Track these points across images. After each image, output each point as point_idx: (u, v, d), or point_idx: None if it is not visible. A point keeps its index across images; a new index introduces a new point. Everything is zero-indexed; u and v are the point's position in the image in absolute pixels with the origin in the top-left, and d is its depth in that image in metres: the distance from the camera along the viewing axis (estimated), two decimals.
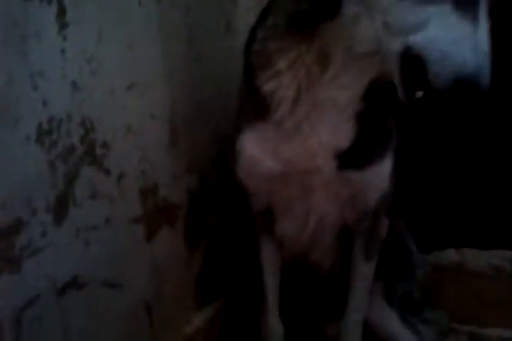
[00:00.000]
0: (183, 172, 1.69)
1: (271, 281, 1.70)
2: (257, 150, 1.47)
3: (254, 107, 1.46)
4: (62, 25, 1.20)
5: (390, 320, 1.75)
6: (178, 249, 1.69)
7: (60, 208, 1.23)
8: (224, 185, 1.83)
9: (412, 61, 1.15)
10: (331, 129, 1.41)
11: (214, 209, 1.84)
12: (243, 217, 1.69)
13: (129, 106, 1.44)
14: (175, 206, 1.66)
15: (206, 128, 1.77)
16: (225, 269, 1.90)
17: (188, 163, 1.71)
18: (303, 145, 1.42)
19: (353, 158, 1.45)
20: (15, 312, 1.13)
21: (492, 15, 1.15)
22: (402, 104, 1.25)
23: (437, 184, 2.15)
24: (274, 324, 1.70)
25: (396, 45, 1.16)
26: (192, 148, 1.72)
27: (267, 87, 1.40)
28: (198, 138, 1.75)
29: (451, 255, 2.15)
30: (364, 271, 1.68)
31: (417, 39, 1.12)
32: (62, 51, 1.21)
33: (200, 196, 1.77)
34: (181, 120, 1.66)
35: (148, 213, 1.53)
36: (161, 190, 1.59)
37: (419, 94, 1.20)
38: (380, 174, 1.51)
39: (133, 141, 1.46)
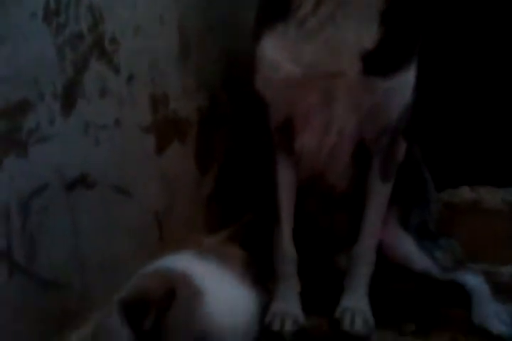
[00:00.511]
0: (193, 88, 1.63)
1: (286, 203, 1.63)
2: (277, 53, 1.40)
3: (275, 8, 1.38)
4: None
5: (406, 244, 1.68)
6: (189, 169, 1.63)
7: (68, 97, 1.16)
8: (235, 105, 1.76)
9: None
10: (356, 28, 1.34)
11: (225, 132, 1.77)
12: (259, 136, 1.62)
13: (137, 4, 1.36)
14: (185, 122, 1.59)
15: (217, 44, 1.70)
16: (237, 196, 1.83)
17: (198, 79, 1.64)
18: (326, 46, 1.35)
19: (378, 62, 1.38)
20: (22, 198, 1.07)
21: None
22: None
23: (453, 119, 2.09)
24: (289, 249, 1.64)
25: None
26: (202, 64, 1.65)
27: None
28: (209, 53, 1.67)
29: (465, 192, 2.10)
30: (380, 192, 1.61)
31: None
32: None
33: (211, 116, 1.70)
34: (192, 32, 1.59)
35: (158, 123, 1.47)
36: (172, 102, 1.52)
37: None
38: (405, 83, 1.45)
39: (142, 42, 1.39)
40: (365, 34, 1.35)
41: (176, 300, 0.87)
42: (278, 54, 1.40)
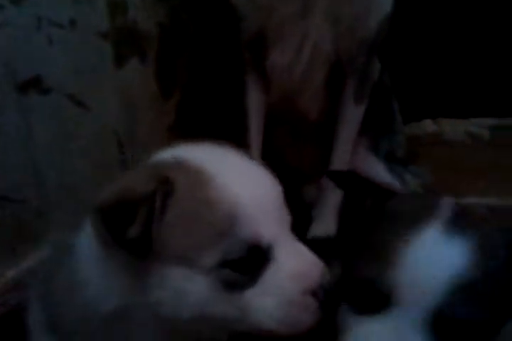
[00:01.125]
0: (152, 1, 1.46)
1: (255, 128, 1.53)
2: None
3: None
4: None
5: (377, 169, 1.63)
6: (150, 90, 1.49)
7: None
8: (198, 26, 1.62)
9: None
10: None
11: (188, 55, 1.63)
12: (227, 56, 1.50)
13: None
14: (145, 35, 1.44)
15: None
16: (200, 123, 1.71)
17: None
18: None
19: None
20: None
21: None
22: None
23: (415, 53, 2.04)
24: None
25: None
26: None
27: None
28: None
29: (428, 125, 2.07)
30: (353, 114, 1.54)
31: None
32: None
33: (172, 34, 1.55)
34: None
35: (116, 31, 1.31)
36: (130, 11, 1.37)
37: None
38: None
39: None
40: None
41: (176, 190, 0.67)
42: None
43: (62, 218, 1.13)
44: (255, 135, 1.56)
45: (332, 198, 1.58)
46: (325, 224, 1.59)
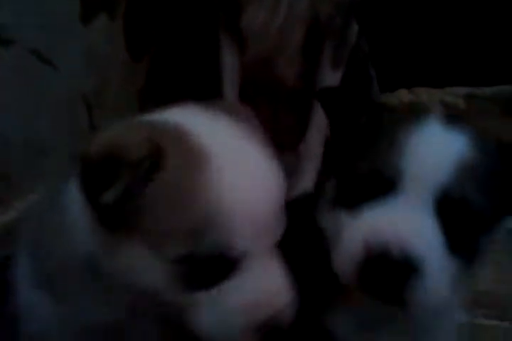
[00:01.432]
0: None
1: (230, 94, 1.48)
2: None
3: None
4: None
5: None
6: (119, 51, 1.41)
7: None
8: None
9: None
10: None
11: (157, 14, 1.54)
12: (200, 17, 1.43)
13: None
14: None
15: None
16: (172, 88, 1.64)
17: None
18: None
19: None
20: None
21: None
22: None
23: (391, 20, 2.00)
24: None
25: None
26: None
27: None
28: None
29: (403, 95, 2.04)
30: (330, 79, 1.49)
31: None
32: None
33: None
34: None
35: None
36: None
37: None
38: None
39: None
40: None
41: (166, 164, 0.59)
42: None
43: (28, 181, 1.05)
44: (230, 99, 1.50)
45: (312, 163, 1.56)
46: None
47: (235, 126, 0.65)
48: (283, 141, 1.67)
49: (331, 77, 1.50)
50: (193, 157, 0.59)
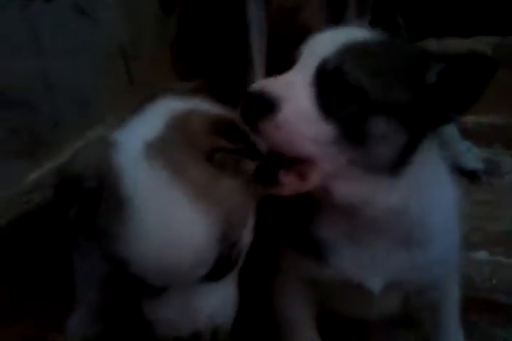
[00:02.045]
0: None
1: (258, 44, 1.52)
2: None
3: None
4: None
5: None
6: (152, 4, 1.48)
7: None
8: None
9: None
10: None
11: None
12: None
13: None
14: None
15: None
16: (201, 40, 1.70)
17: None
18: None
19: None
20: None
21: None
22: None
23: None
24: None
25: None
26: None
27: None
28: None
29: (432, 44, 2.05)
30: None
31: None
32: None
33: None
34: None
35: None
36: None
37: None
38: None
39: None
40: None
41: (103, 194, 0.67)
42: None
43: (74, 129, 1.16)
44: (258, 51, 1.55)
45: None
46: None
47: (167, 183, 0.66)
48: None
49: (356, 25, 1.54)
50: (117, 194, 0.66)
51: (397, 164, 0.74)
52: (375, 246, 0.81)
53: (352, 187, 0.73)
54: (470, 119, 1.95)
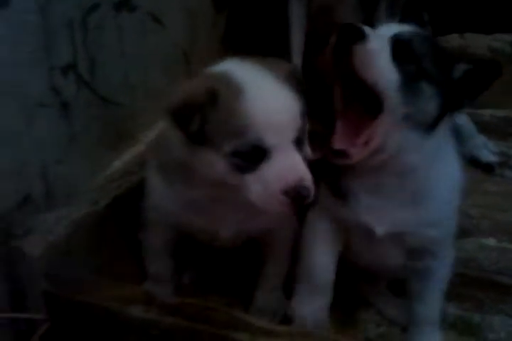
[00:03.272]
0: None
1: (297, 39, 1.68)
2: None
3: None
4: None
5: None
6: (206, 3, 1.63)
7: None
8: None
9: None
10: None
11: None
12: None
13: None
14: None
15: None
16: (247, 35, 1.85)
17: None
18: None
19: None
20: (82, 13, 1.10)
21: None
22: None
23: None
24: None
25: None
26: None
27: None
28: None
29: (454, 39, 2.17)
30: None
31: None
32: None
33: None
34: None
35: None
36: None
37: None
38: None
39: None
40: None
41: (218, 101, 0.92)
42: None
43: (148, 121, 1.34)
44: (297, 45, 1.69)
45: None
46: None
47: (269, 75, 0.97)
48: None
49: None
50: (235, 93, 0.93)
51: (431, 127, 1.00)
52: (389, 199, 1.06)
53: (390, 139, 0.98)
54: (487, 112, 2.11)
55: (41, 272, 0.98)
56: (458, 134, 1.96)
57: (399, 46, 0.96)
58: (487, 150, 1.84)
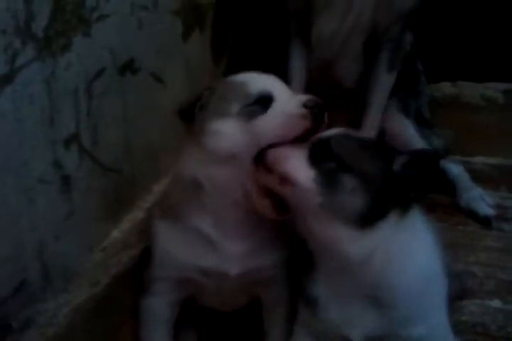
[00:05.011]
0: None
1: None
2: None
3: None
4: None
5: (407, 129, 1.77)
6: (206, 58, 1.61)
7: None
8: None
9: None
10: None
11: (236, 22, 1.72)
12: (274, 25, 1.59)
13: None
14: (204, 6, 1.52)
15: None
16: None
17: None
18: None
19: None
20: (87, 80, 1.06)
21: None
22: None
23: (435, 16, 2.11)
24: None
25: None
26: None
27: None
28: None
29: (446, 87, 2.17)
30: (385, 81, 1.65)
31: None
32: None
33: (226, 3, 1.63)
34: None
35: (185, 7, 1.40)
36: None
37: None
38: None
39: None
40: None
41: (217, 89, 1.07)
42: None
43: (146, 185, 1.28)
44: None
45: None
46: None
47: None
48: None
49: (386, 79, 1.65)
50: (227, 81, 1.09)
51: (363, 221, 0.96)
52: (353, 303, 1.00)
53: (322, 230, 0.96)
54: (479, 160, 2.11)
55: None
56: (454, 185, 1.97)
57: (319, 148, 0.96)
58: (484, 202, 1.83)
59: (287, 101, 1.03)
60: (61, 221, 1.02)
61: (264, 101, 1.02)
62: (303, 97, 1.04)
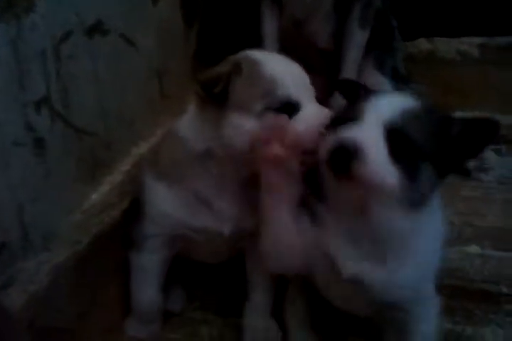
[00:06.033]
0: None
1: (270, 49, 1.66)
2: None
3: None
4: None
5: (382, 85, 1.76)
6: (177, 21, 1.60)
7: None
8: None
9: None
10: None
11: None
12: None
13: None
14: None
15: None
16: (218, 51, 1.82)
17: None
18: None
19: None
20: (54, 42, 1.05)
21: None
22: None
23: None
24: None
25: None
26: None
27: None
28: None
29: (422, 44, 2.18)
30: (358, 38, 1.67)
31: None
32: None
33: None
34: None
35: None
36: None
37: None
38: None
39: None
40: None
41: (243, 70, 1.06)
42: None
43: (123, 148, 1.29)
44: None
45: None
46: None
47: (281, 57, 1.13)
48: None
49: (359, 36, 1.67)
50: (257, 63, 1.06)
51: (426, 201, 0.97)
52: (362, 248, 1.01)
53: (380, 209, 0.95)
54: (456, 114, 2.12)
55: (23, 326, 0.92)
56: None
57: (396, 139, 0.91)
58: None
59: (312, 115, 1.05)
60: (38, 183, 1.04)
61: (290, 109, 1.03)
62: (326, 112, 1.06)
